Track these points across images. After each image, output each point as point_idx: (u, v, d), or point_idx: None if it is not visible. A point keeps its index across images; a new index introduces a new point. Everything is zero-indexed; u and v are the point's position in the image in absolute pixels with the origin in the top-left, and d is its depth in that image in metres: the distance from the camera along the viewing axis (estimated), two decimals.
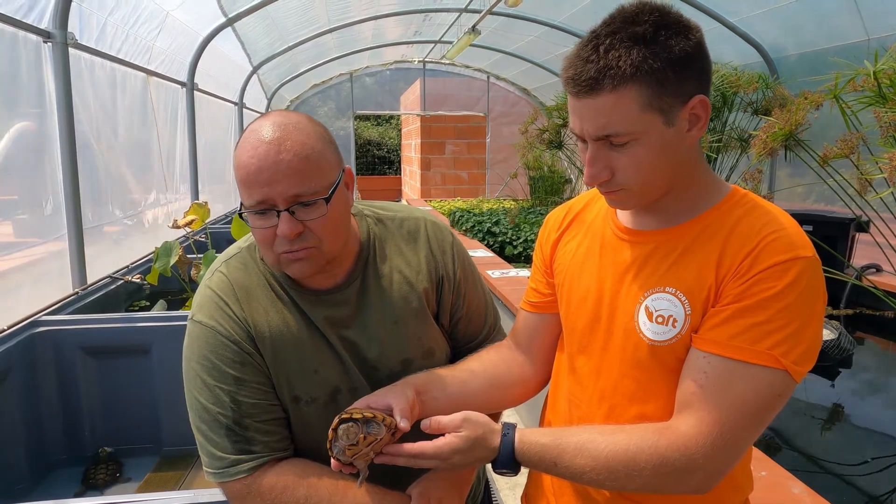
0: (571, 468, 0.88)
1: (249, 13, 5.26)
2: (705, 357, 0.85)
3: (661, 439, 0.85)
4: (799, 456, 2.35)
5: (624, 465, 0.85)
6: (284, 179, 0.92)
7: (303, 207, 0.95)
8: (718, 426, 0.82)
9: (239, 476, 1.01)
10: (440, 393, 1.05)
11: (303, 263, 0.98)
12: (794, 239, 0.83)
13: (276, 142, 0.93)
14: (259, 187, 0.93)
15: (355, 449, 0.90)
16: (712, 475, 0.85)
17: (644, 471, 0.84)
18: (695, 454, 0.83)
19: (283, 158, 0.93)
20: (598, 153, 0.87)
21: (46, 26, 2.80)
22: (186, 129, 5.09)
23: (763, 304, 0.81)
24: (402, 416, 0.94)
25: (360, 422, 0.90)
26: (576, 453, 0.88)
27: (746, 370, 0.82)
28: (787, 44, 5.23)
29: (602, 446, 0.87)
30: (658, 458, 0.84)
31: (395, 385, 1.03)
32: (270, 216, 0.95)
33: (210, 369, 1.02)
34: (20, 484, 2.11)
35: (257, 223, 0.96)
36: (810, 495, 1.42)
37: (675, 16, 0.84)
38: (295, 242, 0.95)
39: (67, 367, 2.29)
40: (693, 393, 0.85)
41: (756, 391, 0.82)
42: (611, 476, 0.86)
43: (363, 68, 10.91)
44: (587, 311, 0.99)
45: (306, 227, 0.95)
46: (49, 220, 2.87)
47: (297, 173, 0.93)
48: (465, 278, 1.19)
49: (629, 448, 0.86)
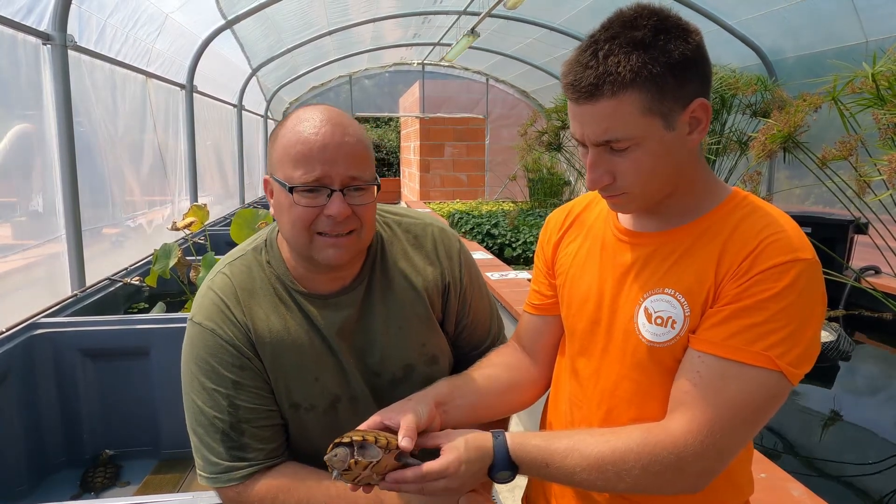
0: (563, 469, 0.88)
1: (249, 15, 5.26)
2: (700, 357, 0.85)
3: (651, 437, 0.84)
4: (798, 458, 2.35)
5: (613, 464, 0.85)
6: (345, 160, 0.95)
7: (354, 191, 0.97)
8: (709, 425, 0.82)
9: (231, 483, 1.00)
10: (462, 400, 1.04)
11: (340, 250, 0.98)
12: (794, 241, 0.83)
13: (341, 125, 0.97)
14: (320, 164, 0.94)
15: (351, 474, 0.88)
16: (702, 474, 0.84)
17: (633, 469, 0.84)
18: (684, 453, 0.82)
19: (347, 141, 0.96)
20: (599, 158, 0.87)
21: (46, 28, 2.80)
22: (186, 131, 5.09)
23: (761, 304, 0.81)
24: (405, 435, 0.91)
25: (351, 446, 0.88)
26: (566, 454, 0.88)
27: (741, 370, 0.81)
28: (786, 46, 5.24)
29: (592, 446, 0.87)
30: (647, 456, 0.84)
31: (413, 398, 1.00)
32: (321, 195, 0.96)
33: (208, 372, 1.01)
34: (19, 486, 2.10)
35: (304, 201, 0.96)
36: (810, 497, 1.42)
37: (674, 19, 0.84)
38: (339, 225, 0.96)
39: (66, 369, 2.28)
40: (686, 392, 0.85)
41: (750, 392, 0.81)
42: (601, 476, 0.86)
43: (362, 70, 10.92)
44: (588, 312, 0.99)
45: (353, 210, 0.97)
46: (48, 222, 2.87)
47: (358, 157, 0.97)
48: (472, 285, 1.18)
49: (618, 447, 0.85)
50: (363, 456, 0.87)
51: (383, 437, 0.90)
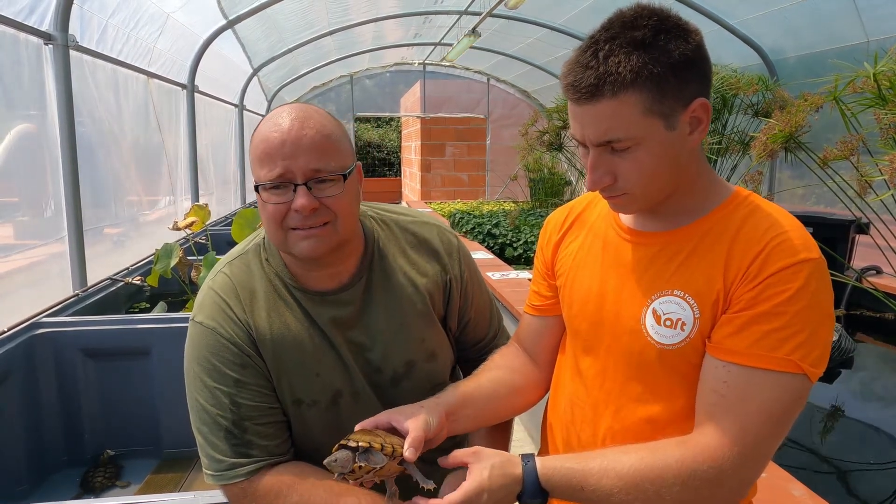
0: (598, 490, 0.86)
1: (250, 15, 5.26)
2: (725, 367, 0.84)
3: (688, 453, 0.83)
4: (799, 458, 2.34)
5: (652, 482, 0.84)
6: (306, 153, 0.95)
7: (320, 184, 0.97)
8: (744, 435, 0.81)
9: (236, 479, 1.01)
10: (472, 409, 1.04)
11: (314, 241, 0.98)
12: (800, 241, 0.83)
13: (299, 119, 0.97)
14: (280, 160, 0.95)
15: (352, 476, 0.89)
16: (742, 484, 0.84)
17: (674, 486, 0.83)
18: (723, 465, 0.81)
19: (305, 134, 0.95)
20: (600, 159, 0.87)
21: (47, 28, 2.80)
22: (187, 131, 5.10)
23: (777, 309, 0.81)
24: (411, 446, 0.90)
25: (357, 451, 0.88)
26: (602, 475, 0.86)
27: (767, 377, 0.81)
28: (787, 46, 5.23)
29: (628, 465, 0.85)
30: (687, 471, 0.82)
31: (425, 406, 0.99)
32: (286, 191, 0.96)
33: (210, 371, 1.02)
34: (20, 486, 2.11)
35: (272, 198, 0.96)
36: (811, 497, 1.42)
37: (674, 19, 0.84)
38: (309, 218, 0.96)
39: (67, 368, 2.29)
40: (715, 404, 0.84)
41: (779, 397, 0.81)
42: (640, 495, 0.84)
43: (363, 70, 10.92)
44: (590, 311, 0.99)
45: (322, 203, 0.97)
46: (49, 221, 2.87)
47: (319, 149, 0.96)
48: (472, 281, 1.19)
49: (655, 464, 0.84)
50: (367, 461, 0.88)
51: (389, 444, 0.90)
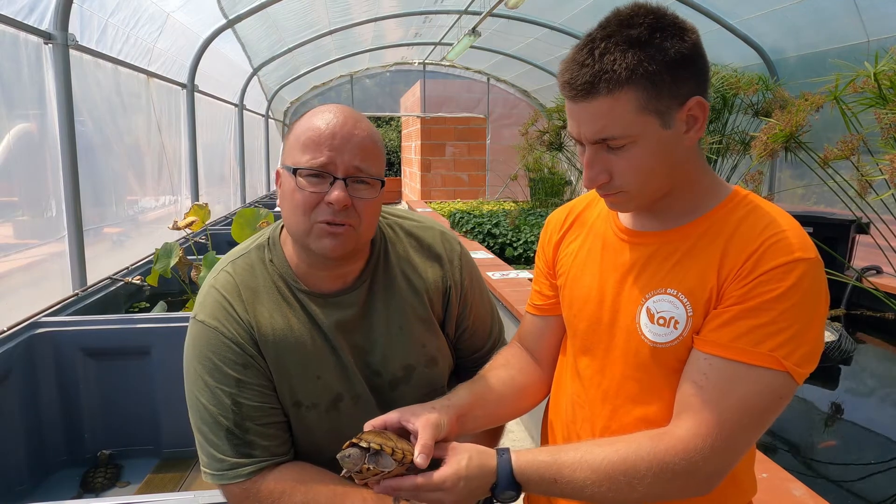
0: (572, 483, 0.86)
1: (250, 15, 5.27)
2: (706, 359, 0.84)
3: (660, 444, 0.84)
4: (800, 458, 2.34)
5: (624, 473, 0.84)
6: (352, 150, 0.98)
7: (357, 184, 0.99)
8: (717, 428, 0.82)
9: (238, 480, 1.00)
10: (481, 411, 1.04)
11: (336, 240, 0.98)
12: (797, 241, 0.83)
13: (353, 118, 1.00)
14: (327, 150, 0.97)
15: (361, 476, 0.89)
16: (712, 477, 0.84)
17: (645, 478, 0.83)
18: (694, 457, 0.82)
19: (356, 133, 0.99)
20: (596, 156, 0.87)
21: (47, 28, 2.80)
22: (187, 130, 5.10)
23: (765, 305, 0.81)
24: (422, 452, 0.89)
25: (368, 452, 0.88)
26: (575, 467, 0.86)
27: (748, 372, 0.81)
28: (787, 46, 5.23)
29: (601, 457, 0.86)
30: (658, 463, 0.83)
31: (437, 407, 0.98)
32: (324, 182, 0.97)
33: (212, 370, 1.01)
34: (20, 486, 2.10)
35: (308, 185, 0.97)
36: (811, 497, 1.42)
37: (671, 18, 0.84)
38: (339, 214, 0.97)
39: (67, 368, 2.29)
40: (693, 395, 0.84)
41: (757, 393, 0.81)
42: (612, 486, 0.85)
43: (363, 70, 10.93)
44: (589, 312, 0.99)
45: (354, 203, 0.98)
46: (49, 221, 2.87)
47: (365, 150, 0.99)
48: (472, 288, 1.19)
49: (628, 456, 0.85)
50: (376, 463, 0.87)
51: (400, 449, 0.89)
